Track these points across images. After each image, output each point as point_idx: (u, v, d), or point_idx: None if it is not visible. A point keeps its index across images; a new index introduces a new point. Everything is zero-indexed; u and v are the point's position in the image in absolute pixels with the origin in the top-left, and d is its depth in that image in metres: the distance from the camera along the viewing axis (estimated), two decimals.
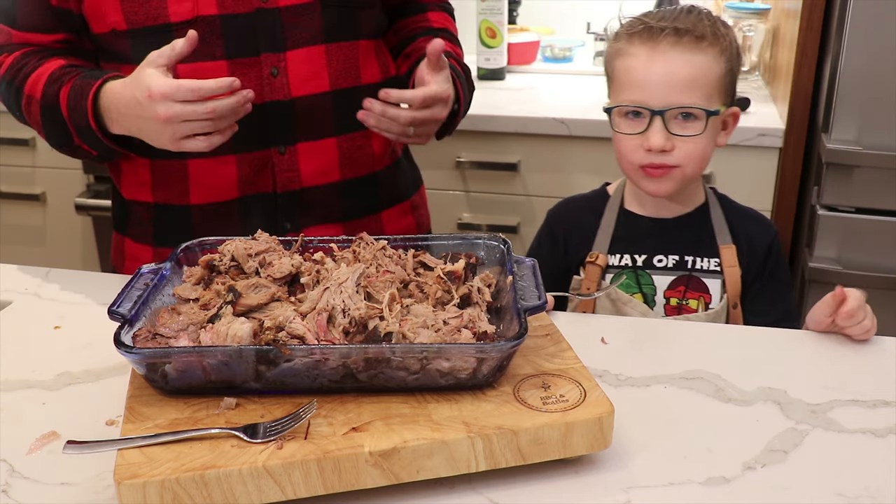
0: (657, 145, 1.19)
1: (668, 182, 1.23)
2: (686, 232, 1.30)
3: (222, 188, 1.29)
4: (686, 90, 1.18)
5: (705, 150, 1.22)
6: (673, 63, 1.18)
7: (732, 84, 1.24)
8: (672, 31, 1.18)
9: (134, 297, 0.93)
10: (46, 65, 1.24)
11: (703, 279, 1.29)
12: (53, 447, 0.89)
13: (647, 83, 1.19)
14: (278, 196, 1.31)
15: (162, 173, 1.30)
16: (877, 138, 1.86)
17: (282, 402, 0.86)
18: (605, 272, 1.31)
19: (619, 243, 1.32)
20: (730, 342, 1.12)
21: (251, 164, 1.28)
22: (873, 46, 1.81)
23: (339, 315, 0.89)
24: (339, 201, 1.35)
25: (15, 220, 2.61)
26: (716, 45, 1.19)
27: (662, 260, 1.30)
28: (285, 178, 1.30)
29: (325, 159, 1.32)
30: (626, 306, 1.29)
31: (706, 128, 1.19)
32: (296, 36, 1.26)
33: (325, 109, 1.30)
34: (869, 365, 1.06)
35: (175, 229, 1.32)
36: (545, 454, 0.82)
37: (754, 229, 1.32)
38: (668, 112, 1.18)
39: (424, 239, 1.09)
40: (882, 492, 0.83)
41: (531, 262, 1.02)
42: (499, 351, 0.84)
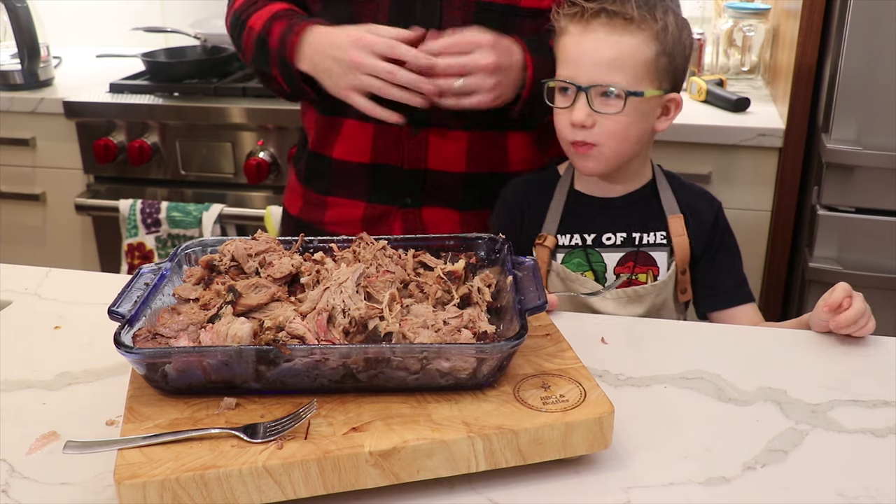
0: (578, 119, 1.23)
1: (593, 160, 1.27)
2: (633, 209, 1.34)
3: (359, 151, 1.41)
4: (610, 70, 1.21)
5: (627, 129, 1.24)
6: (600, 42, 1.22)
7: (671, 69, 1.26)
8: (603, 12, 1.22)
9: (134, 297, 0.93)
10: (270, 6, 1.41)
11: (651, 253, 1.33)
12: (53, 447, 0.89)
13: (577, 60, 1.24)
14: (403, 171, 1.40)
15: (324, 125, 1.45)
16: (877, 138, 1.86)
17: (282, 402, 0.86)
18: (556, 252, 1.34)
19: (568, 223, 1.35)
20: (730, 342, 1.12)
21: (385, 137, 1.38)
22: (873, 46, 1.81)
23: (339, 315, 0.89)
24: (459, 190, 1.41)
25: (15, 220, 2.61)
26: (645, 29, 1.22)
27: (611, 238, 1.33)
28: (413, 156, 1.39)
29: (454, 148, 1.39)
30: (575, 283, 1.32)
31: (625, 107, 1.21)
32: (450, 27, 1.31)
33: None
34: (869, 365, 1.06)
35: (318, 175, 1.48)
36: (545, 454, 0.82)
37: (700, 203, 1.36)
38: (592, 89, 1.22)
39: (424, 239, 1.09)
40: (882, 492, 0.83)
41: (531, 262, 1.02)
42: (499, 351, 0.84)
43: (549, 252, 1.34)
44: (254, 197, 2.36)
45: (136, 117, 2.35)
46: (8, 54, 2.61)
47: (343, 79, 1.27)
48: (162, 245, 2.38)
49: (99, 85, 2.47)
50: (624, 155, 1.27)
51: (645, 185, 1.35)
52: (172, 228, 2.34)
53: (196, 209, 2.32)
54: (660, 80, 1.24)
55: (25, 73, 2.50)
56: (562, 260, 1.34)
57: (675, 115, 1.30)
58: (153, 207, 2.34)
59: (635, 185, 1.35)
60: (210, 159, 2.36)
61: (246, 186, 2.36)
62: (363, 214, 1.45)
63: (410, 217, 1.43)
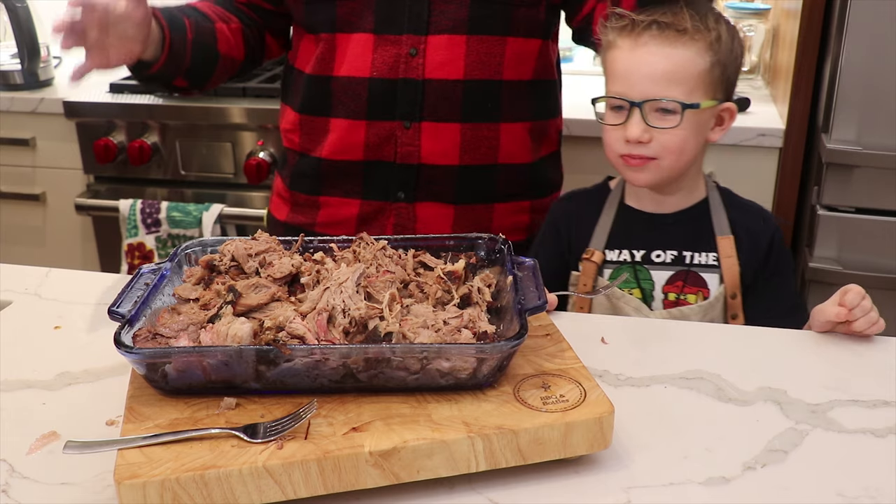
0: (634, 136, 1.21)
1: (647, 172, 1.25)
2: (684, 227, 1.31)
3: (351, 149, 1.40)
4: (665, 83, 1.20)
5: (684, 143, 1.22)
6: (652, 56, 1.20)
7: (724, 79, 1.24)
8: (654, 24, 1.20)
9: (134, 297, 0.93)
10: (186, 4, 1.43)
11: (702, 274, 1.29)
12: (53, 447, 0.89)
13: (629, 75, 1.22)
14: (396, 166, 1.39)
15: (308, 126, 1.44)
16: (877, 138, 1.86)
17: (282, 402, 0.86)
18: (604, 267, 1.32)
19: (617, 238, 1.32)
20: (730, 342, 1.12)
21: (378, 133, 1.38)
22: (873, 46, 1.81)
23: (339, 315, 0.89)
24: (453, 184, 1.41)
25: (15, 220, 2.61)
26: (699, 40, 1.20)
27: (660, 255, 1.30)
28: (406, 151, 1.38)
29: (447, 142, 1.38)
30: (620, 301, 1.30)
31: (682, 121, 1.20)
32: (440, 22, 1.33)
33: (455, 96, 1.36)
34: (869, 365, 1.06)
35: (307, 176, 1.47)
36: (545, 454, 0.82)
37: (756, 224, 1.32)
38: (647, 104, 1.20)
39: (424, 239, 1.09)
40: (882, 492, 0.83)
41: (531, 262, 1.02)
42: (499, 351, 0.84)
43: (596, 268, 1.31)
44: (254, 197, 2.36)
45: (136, 117, 2.35)
46: (8, 54, 2.61)
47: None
48: (162, 245, 2.38)
49: (99, 85, 2.47)
50: (680, 168, 1.25)
51: (698, 203, 1.32)
52: (172, 228, 2.34)
53: (196, 209, 2.32)
54: (714, 91, 1.22)
55: (25, 73, 2.49)
56: (609, 276, 1.31)
57: (729, 125, 1.28)
58: (153, 207, 2.34)
59: (688, 202, 1.32)
60: (210, 159, 2.36)
61: (246, 186, 2.36)
62: (358, 212, 1.45)
63: (404, 213, 1.43)
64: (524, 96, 1.43)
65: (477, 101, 1.37)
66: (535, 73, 1.43)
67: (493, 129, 1.40)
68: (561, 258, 1.36)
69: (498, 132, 1.41)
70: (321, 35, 1.39)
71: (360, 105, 1.37)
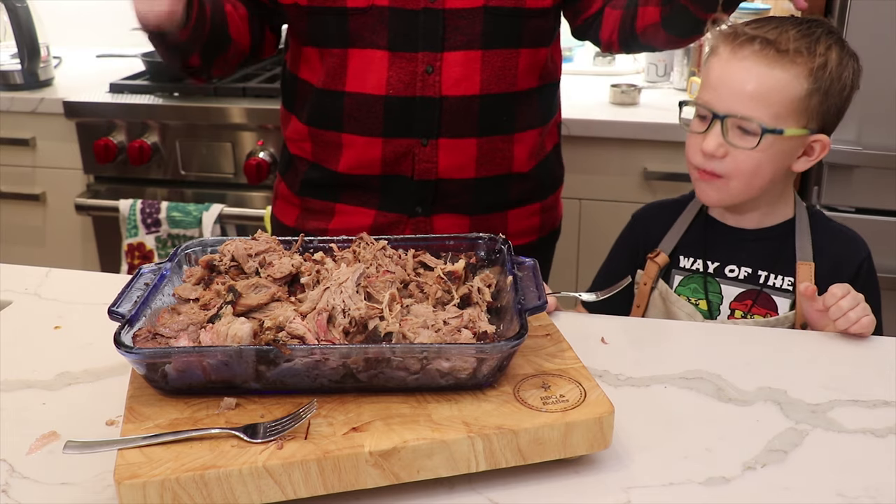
0: (709, 149, 1.17)
1: (715, 191, 1.21)
2: (764, 245, 1.27)
3: (368, 164, 1.39)
4: (751, 102, 1.15)
5: (758, 167, 1.17)
6: (746, 72, 1.15)
7: (823, 109, 1.18)
8: (758, 40, 1.15)
9: (134, 297, 0.93)
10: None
11: (774, 297, 1.25)
12: (53, 447, 0.89)
13: (718, 86, 1.18)
14: (414, 182, 1.38)
15: (319, 139, 1.42)
16: (877, 138, 1.86)
17: (282, 402, 0.86)
18: (674, 273, 1.30)
19: (692, 247, 1.30)
20: (730, 342, 1.12)
21: (395, 150, 1.37)
22: (873, 47, 1.81)
23: (339, 315, 0.89)
24: (470, 196, 1.41)
25: (15, 220, 2.61)
26: (800, 64, 1.14)
27: (734, 270, 1.27)
28: (423, 167, 1.38)
29: (464, 157, 1.38)
30: (675, 307, 1.27)
31: (759, 144, 1.15)
32: (455, 38, 1.31)
33: (472, 111, 1.35)
34: (869, 365, 1.06)
35: (322, 186, 1.45)
36: (545, 454, 0.82)
37: (843, 250, 1.26)
38: (729, 119, 1.16)
39: (424, 239, 1.09)
40: (882, 492, 0.83)
41: (531, 262, 1.02)
42: (499, 351, 0.84)
43: (658, 269, 1.29)
44: (254, 197, 2.36)
45: (136, 117, 2.35)
46: (8, 54, 2.61)
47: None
48: (162, 245, 2.38)
49: (99, 85, 2.47)
50: (751, 193, 1.21)
51: (782, 223, 1.27)
52: (172, 228, 2.34)
53: (196, 209, 2.32)
54: (808, 119, 1.17)
55: (25, 73, 2.50)
56: (679, 283, 1.29)
57: (818, 158, 1.22)
58: (153, 207, 2.34)
59: (771, 221, 1.27)
60: (210, 159, 2.36)
61: (246, 186, 2.36)
62: (373, 222, 1.44)
63: (422, 225, 1.43)
64: (534, 103, 1.43)
65: (493, 114, 1.36)
66: (543, 79, 1.43)
67: (507, 140, 1.40)
68: (635, 262, 1.34)
69: (512, 143, 1.41)
70: (331, 49, 1.36)
71: (375, 122, 1.36)
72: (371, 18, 1.30)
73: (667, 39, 1.41)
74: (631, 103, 2.26)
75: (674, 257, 1.31)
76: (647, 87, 2.45)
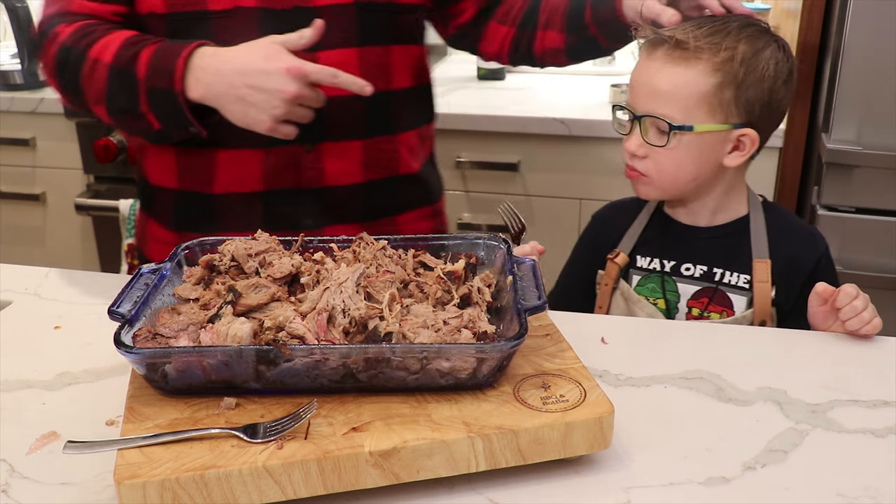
0: (630, 149, 1.22)
1: (645, 187, 1.25)
2: (718, 243, 1.28)
3: (247, 180, 1.30)
4: (661, 101, 1.18)
5: (678, 164, 1.20)
6: (657, 73, 1.19)
7: (742, 102, 1.18)
8: (670, 40, 1.18)
9: (134, 297, 0.93)
10: (117, 33, 1.22)
11: (729, 294, 1.26)
12: (53, 447, 0.89)
13: (636, 88, 1.22)
14: (301, 192, 1.32)
15: (188, 161, 1.30)
16: (877, 138, 1.86)
17: (282, 402, 0.86)
18: (632, 273, 1.31)
19: (650, 246, 1.31)
20: (730, 342, 1.12)
21: (278, 159, 1.29)
22: (873, 46, 1.81)
23: (339, 315, 0.89)
24: (359, 202, 1.36)
25: (15, 220, 2.61)
26: (704, 60, 1.16)
27: (690, 269, 1.28)
28: (310, 175, 1.31)
29: (350, 160, 1.33)
30: (636, 307, 1.28)
31: (670, 141, 1.18)
32: (328, 37, 1.24)
33: (355, 111, 1.31)
34: (869, 365, 1.06)
35: (197, 217, 1.33)
36: (545, 454, 0.82)
37: (801, 247, 1.27)
38: (646, 119, 1.20)
39: (424, 239, 1.09)
40: (882, 492, 0.83)
41: (531, 262, 1.02)
42: (499, 351, 0.84)
43: (619, 269, 1.30)
44: None
45: None
46: (8, 54, 2.61)
47: (271, 111, 1.13)
48: None
49: None
50: (678, 189, 1.23)
51: (736, 220, 1.28)
52: None
53: None
54: (725, 114, 1.18)
55: (25, 73, 2.50)
56: (637, 283, 1.30)
57: (749, 151, 1.22)
58: None
59: (724, 218, 1.28)
60: None
61: None
62: None
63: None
64: (413, 103, 1.40)
65: (374, 113, 1.31)
66: (419, 79, 1.40)
67: (392, 140, 1.36)
68: (595, 264, 1.35)
69: (397, 143, 1.37)
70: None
71: (253, 134, 1.19)
72: (236, 21, 1.21)
73: (568, 62, 1.44)
74: None
75: (632, 257, 1.32)
76: None
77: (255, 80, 1.12)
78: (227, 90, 1.14)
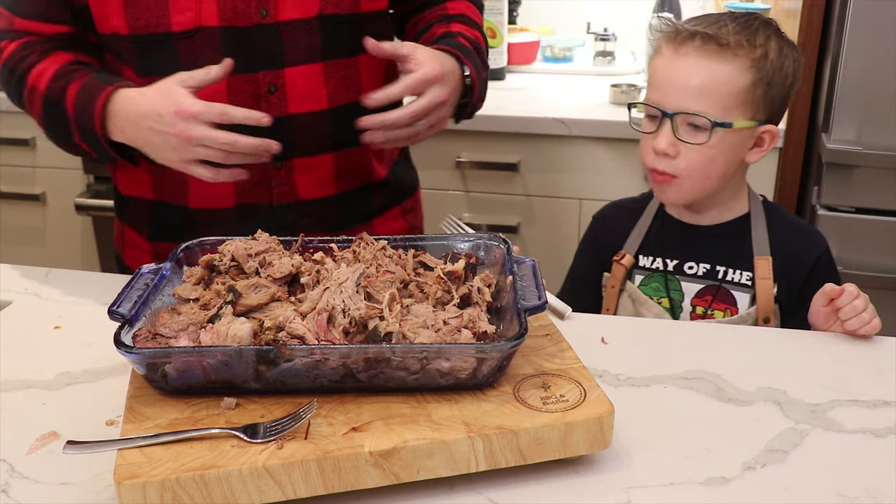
0: (661, 148, 1.19)
1: (673, 191, 1.22)
2: (720, 241, 1.27)
3: (219, 197, 1.29)
4: (699, 97, 1.16)
5: (712, 161, 1.18)
6: (690, 68, 1.17)
7: (768, 99, 1.19)
8: (698, 35, 1.16)
9: (134, 297, 0.93)
10: (52, 58, 1.22)
11: (733, 291, 1.26)
12: (53, 447, 0.89)
13: (665, 85, 1.19)
14: (273, 208, 1.31)
15: (161, 173, 1.28)
16: (877, 138, 1.86)
17: (282, 402, 0.86)
18: (636, 273, 1.30)
19: (653, 246, 1.30)
20: (730, 342, 1.12)
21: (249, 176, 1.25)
22: (873, 46, 1.81)
23: (339, 315, 0.89)
24: (333, 212, 1.35)
25: (15, 220, 2.61)
26: (742, 56, 1.16)
27: (693, 267, 1.28)
28: (281, 191, 1.30)
29: (321, 174, 1.32)
30: (643, 307, 1.28)
31: (710, 138, 1.16)
32: (294, 52, 1.24)
33: (322, 126, 1.29)
34: (869, 365, 1.06)
35: (172, 227, 1.32)
36: (545, 454, 0.82)
37: (800, 243, 1.27)
38: (678, 116, 1.17)
39: (424, 239, 1.09)
40: (882, 492, 0.83)
41: (531, 262, 1.02)
42: (499, 351, 0.84)
43: (625, 271, 1.29)
44: None
45: None
46: None
47: (173, 153, 1.12)
48: None
49: None
50: (707, 188, 1.22)
51: (738, 218, 1.28)
52: None
53: None
54: (754, 111, 1.18)
55: None
56: (640, 282, 1.30)
57: (769, 148, 1.23)
58: None
59: (726, 216, 1.28)
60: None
61: None
62: None
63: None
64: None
65: (343, 127, 1.27)
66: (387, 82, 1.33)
67: (361, 151, 1.33)
68: (598, 264, 1.34)
69: (367, 152, 1.35)
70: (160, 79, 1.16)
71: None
72: (200, 42, 1.20)
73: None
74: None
75: (635, 257, 1.32)
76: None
77: (153, 123, 1.11)
78: (136, 134, 1.15)
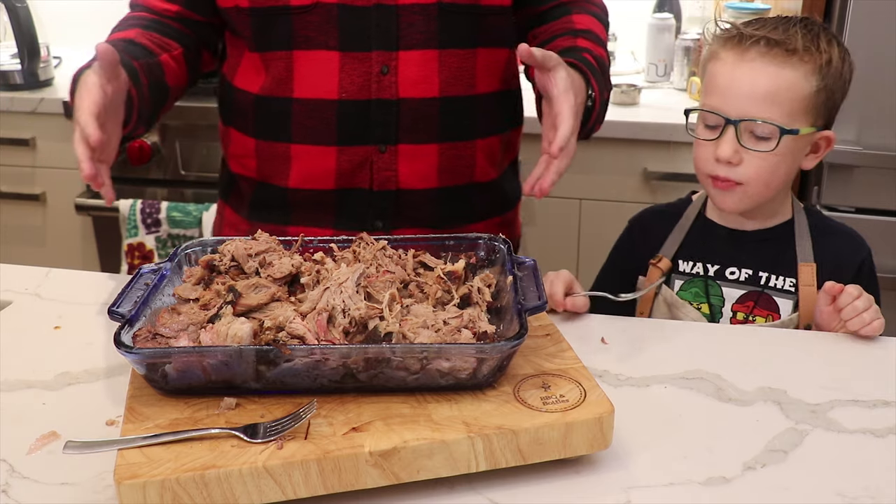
0: (725, 156, 1.16)
1: (734, 197, 1.20)
2: (764, 247, 1.26)
3: (321, 177, 1.29)
4: (765, 104, 1.14)
5: (774, 169, 1.16)
6: (756, 73, 1.14)
7: (829, 105, 1.18)
8: (763, 40, 1.15)
9: (134, 297, 0.93)
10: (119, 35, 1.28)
11: (775, 298, 1.25)
12: (53, 447, 0.89)
13: (728, 91, 1.17)
14: (373, 194, 1.29)
15: (267, 153, 1.30)
16: (877, 138, 1.86)
17: (282, 402, 0.86)
18: (674, 277, 1.29)
19: (693, 250, 1.29)
20: (730, 342, 1.12)
21: (351, 159, 1.27)
22: (873, 47, 1.81)
23: (339, 315, 0.89)
24: (432, 208, 1.33)
25: (15, 220, 2.61)
26: (808, 62, 1.14)
27: (735, 273, 1.26)
28: (383, 176, 1.28)
29: (425, 164, 1.30)
30: (680, 311, 1.27)
31: (778, 146, 1.14)
32: (410, 36, 1.23)
33: (432, 114, 1.28)
34: (869, 365, 1.06)
35: (271, 207, 1.33)
36: (545, 454, 0.82)
37: (844, 249, 1.26)
38: (743, 123, 1.15)
39: (424, 239, 1.09)
40: (882, 492, 0.83)
41: (531, 262, 1.02)
42: (499, 351, 0.84)
43: (661, 274, 1.27)
44: None
45: None
46: (8, 54, 2.61)
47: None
48: (162, 245, 2.38)
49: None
50: (768, 195, 1.20)
51: (782, 224, 1.27)
52: (172, 228, 2.34)
53: (196, 209, 2.32)
54: (815, 117, 1.17)
55: (25, 73, 2.50)
56: (680, 287, 1.29)
57: (824, 154, 1.22)
58: (153, 207, 2.34)
59: (770, 222, 1.27)
60: (210, 159, 2.36)
61: None
62: None
63: None
64: (495, 109, 1.36)
65: (453, 118, 1.28)
66: (504, 84, 1.37)
67: (469, 146, 1.32)
68: (633, 267, 1.33)
69: (474, 150, 1.33)
70: (276, 53, 1.25)
71: (328, 130, 1.25)
72: (317, 17, 1.21)
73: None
74: (631, 103, 2.26)
75: (673, 261, 1.30)
76: (648, 87, 2.45)
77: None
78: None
